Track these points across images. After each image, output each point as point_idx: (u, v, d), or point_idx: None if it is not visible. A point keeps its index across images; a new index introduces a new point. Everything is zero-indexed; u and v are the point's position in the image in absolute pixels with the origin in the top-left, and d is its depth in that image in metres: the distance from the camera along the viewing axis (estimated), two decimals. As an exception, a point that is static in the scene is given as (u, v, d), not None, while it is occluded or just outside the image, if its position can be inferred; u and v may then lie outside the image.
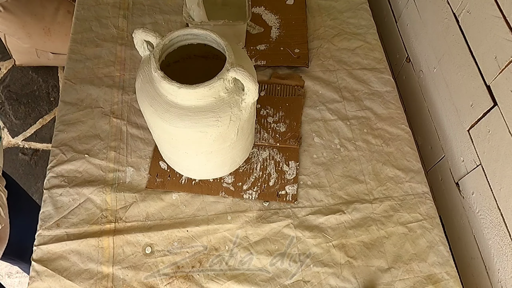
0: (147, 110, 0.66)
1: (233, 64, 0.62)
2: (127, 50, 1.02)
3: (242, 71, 0.61)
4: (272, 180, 0.86)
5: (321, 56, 1.04)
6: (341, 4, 1.14)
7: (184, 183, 0.85)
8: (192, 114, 0.64)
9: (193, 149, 0.72)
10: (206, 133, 0.66)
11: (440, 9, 0.93)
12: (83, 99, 0.94)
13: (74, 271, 0.76)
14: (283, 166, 0.88)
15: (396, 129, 0.95)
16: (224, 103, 0.64)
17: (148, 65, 0.67)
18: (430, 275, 0.79)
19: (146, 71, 0.67)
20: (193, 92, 0.61)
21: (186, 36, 0.68)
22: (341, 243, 0.81)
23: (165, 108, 0.64)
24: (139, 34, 0.65)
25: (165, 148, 0.78)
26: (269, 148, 0.90)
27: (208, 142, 0.68)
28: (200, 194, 0.84)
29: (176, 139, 0.69)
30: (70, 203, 0.82)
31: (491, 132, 0.78)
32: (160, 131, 0.70)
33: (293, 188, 0.86)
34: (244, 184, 0.86)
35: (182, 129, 0.65)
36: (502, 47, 0.73)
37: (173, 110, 0.64)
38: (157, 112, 0.65)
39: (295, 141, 0.91)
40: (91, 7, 1.08)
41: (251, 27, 1.06)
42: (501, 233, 0.76)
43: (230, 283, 0.76)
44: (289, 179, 0.87)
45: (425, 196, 0.87)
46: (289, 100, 0.96)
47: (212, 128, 0.65)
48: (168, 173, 0.86)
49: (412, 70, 1.09)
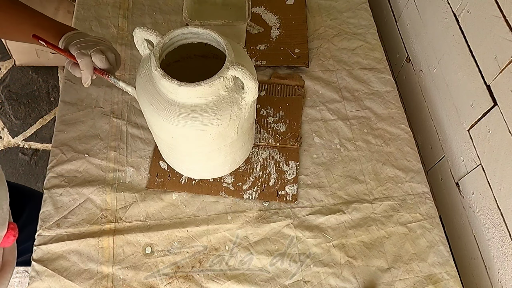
0: (147, 108, 0.66)
1: (233, 63, 0.62)
2: (127, 50, 1.02)
3: (242, 69, 0.61)
4: (272, 180, 0.86)
5: (321, 56, 1.04)
6: (341, 4, 1.14)
7: (184, 183, 0.85)
8: (192, 112, 0.64)
9: (193, 148, 0.72)
10: (206, 131, 0.66)
11: (440, 9, 0.93)
12: (83, 99, 0.94)
13: (74, 271, 0.76)
14: (283, 166, 0.88)
15: (396, 129, 0.95)
16: (224, 102, 0.64)
17: (148, 64, 0.67)
18: (430, 275, 0.79)
19: (146, 69, 0.67)
20: (193, 90, 0.61)
21: (186, 35, 0.68)
22: (341, 243, 0.81)
23: (164, 106, 0.64)
24: (139, 33, 0.65)
25: (165, 147, 0.78)
26: (269, 148, 0.90)
27: (208, 140, 0.68)
28: (200, 194, 0.84)
29: (176, 138, 0.69)
30: (70, 203, 0.82)
31: (491, 132, 0.78)
32: (160, 130, 0.70)
33: (293, 188, 0.86)
34: (244, 184, 0.86)
35: (182, 127, 0.65)
36: (502, 47, 0.73)
37: (173, 108, 0.64)
38: (157, 111, 0.65)
39: (295, 141, 0.91)
40: (91, 7, 1.08)
41: (251, 27, 1.06)
42: (501, 233, 0.76)
43: (230, 283, 0.76)
44: (289, 179, 0.87)
45: (425, 196, 0.87)
46: (289, 100, 0.96)
47: (212, 127, 0.65)
48: (168, 173, 0.86)
49: (412, 70, 1.09)
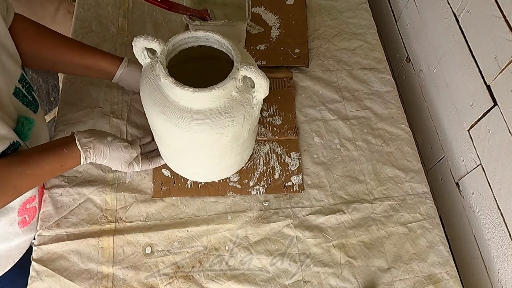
0: (158, 118, 0.65)
1: (243, 63, 0.61)
2: (127, 50, 1.02)
3: (252, 68, 0.61)
4: (277, 173, 0.87)
5: (321, 56, 1.04)
6: (341, 4, 1.14)
7: (191, 187, 0.84)
8: (207, 117, 0.63)
9: (207, 152, 0.71)
10: (222, 134, 0.65)
11: (440, 9, 0.93)
12: (83, 99, 0.94)
13: (74, 271, 0.76)
14: (285, 158, 0.89)
15: (396, 129, 0.95)
16: (237, 103, 0.64)
17: (151, 73, 0.65)
18: (430, 275, 0.79)
19: (151, 79, 0.65)
20: (207, 94, 0.60)
21: (187, 39, 0.67)
22: (341, 243, 0.81)
23: (178, 115, 0.63)
24: (140, 42, 0.63)
25: (172, 153, 0.77)
26: (269, 142, 0.90)
27: (223, 143, 0.68)
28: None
29: (189, 144, 0.67)
30: (70, 203, 0.82)
31: (491, 132, 0.78)
32: (171, 138, 0.68)
33: (298, 178, 0.86)
34: (250, 180, 0.86)
35: (198, 133, 0.64)
36: (502, 47, 0.73)
37: (188, 115, 0.63)
38: (170, 119, 0.63)
39: (293, 132, 0.91)
40: (91, 7, 1.08)
41: (251, 27, 1.06)
42: (501, 233, 0.76)
43: (230, 283, 0.76)
44: (293, 170, 0.87)
45: (425, 196, 0.87)
46: (281, 93, 0.97)
47: (228, 129, 0.64)
48: (173, 180, 0.85)
49: (412, 70, 1.09)
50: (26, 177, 0.65)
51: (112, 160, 0.74)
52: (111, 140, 0.72)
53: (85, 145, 0.70)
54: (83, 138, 0.70)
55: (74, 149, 0.69)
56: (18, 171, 0.63)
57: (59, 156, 0.68)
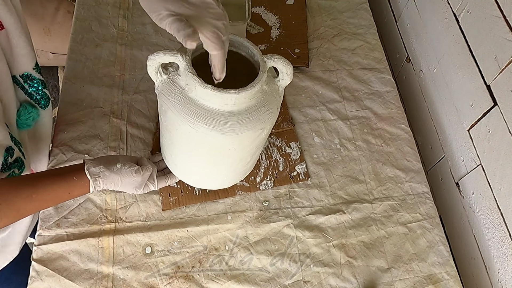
0: (200, 130, 0.61)
1: (266, 55, 0.62)
2: (127, 50, 1.02)
3: (278, 57, 0.61)
4: (281, 165, 0.88)
5: (321, 56, 1.04)
6: (341, 4, 1.14)
7: (199, 194, 0.84)
8: (248, 115, 0.62)
9: (244, 152, 0.69)
10: (264, 129, 0.65)
11: (440, 9, 0.93)
12: (83, 99, 0.94)
13: (74, 271, 0.76)
14: (286, 149, 0.90)
15: (396, 129, 0.95)
16: (268, 94, 0.64)
17: (175, 87, 0.61)
18: (430, 275, 0.79)
19: (178, 93, 0.61)
20: (249, 93, 0.59)
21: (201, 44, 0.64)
22: (341, 243, 0.81)
23: (223, 121, 0.61)
24: (158, 58, 0.59)
25: (196, 163, 0.73)
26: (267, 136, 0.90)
27: (262, 138, 0.67)
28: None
29: (234, 148, 0.65)
30: (70, 203, 0.82)
31: (491, 132, 0.78)
32: (212, 147, 0.65)
33: (302, 167, 0.88)
34: (257, 176, 0.86)
35: (244, 133, 0.62)
36: (502, 47, 0.73)
37: (233, 118, 0.61)
38: (215, 129, 0.60)
39: (288, 123, 0.93)
40: (91, 7, 1.08)
41: (251, 27, 1.06)
42: (501, 233, 0.76)
43: (230, 283, 0.76)
44: (295, 159, 0.88)
45: (425, 196, 0.87)
46: None
47: (268, 122, 0.64)
48: (180, 189, 0.84)
49: (412, 70, 1.09)
50: (32, 202, 0.63)
51: (124, 186, 0.71)
52: (120, 167, 0.70)
53: (95, 174, 0.67)
54: (93, 167, 0.68)
55: (83, 177, 0.67)
56: (25, 195, 0.62)
57: (68, 182, 0.66)
